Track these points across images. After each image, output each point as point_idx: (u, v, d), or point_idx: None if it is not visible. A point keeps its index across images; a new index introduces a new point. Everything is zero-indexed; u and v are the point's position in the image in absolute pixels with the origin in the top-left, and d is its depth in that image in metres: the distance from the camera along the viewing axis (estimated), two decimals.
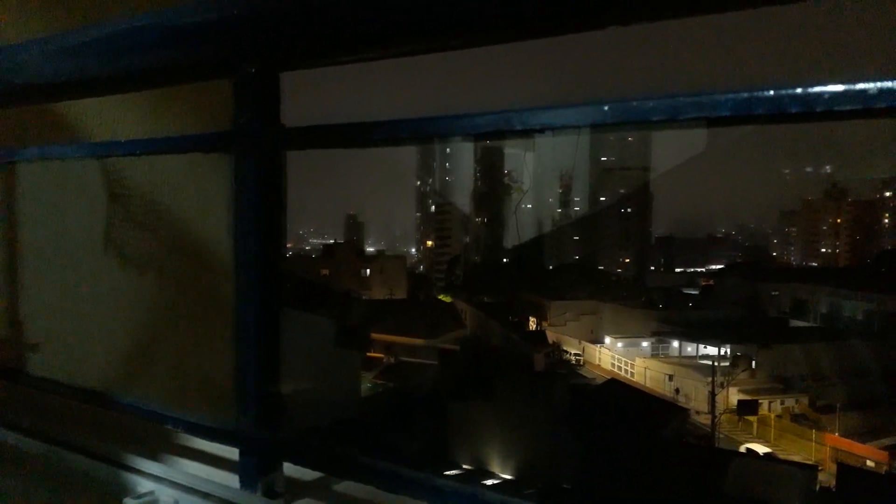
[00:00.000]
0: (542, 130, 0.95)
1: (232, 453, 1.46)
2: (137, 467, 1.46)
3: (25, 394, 1.99)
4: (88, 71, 1.58)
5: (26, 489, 1.68)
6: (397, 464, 1.13)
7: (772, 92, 0.82)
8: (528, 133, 0.98)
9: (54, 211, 2.71)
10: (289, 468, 1.37)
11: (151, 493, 1.37)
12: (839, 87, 0.78)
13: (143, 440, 1.64)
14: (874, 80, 0.76)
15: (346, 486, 1.39)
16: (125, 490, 1.43)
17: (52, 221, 2.71)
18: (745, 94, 0.83)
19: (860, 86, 0.77)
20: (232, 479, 1.38)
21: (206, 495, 1.33)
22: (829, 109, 0.79)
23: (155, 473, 1.44)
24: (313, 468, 1.37)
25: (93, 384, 1.78)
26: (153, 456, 1.53)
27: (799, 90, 0.80)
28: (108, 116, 2.63)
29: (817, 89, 0.79)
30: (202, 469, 1.52)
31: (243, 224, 1.27)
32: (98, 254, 2.79)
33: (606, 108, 0.90)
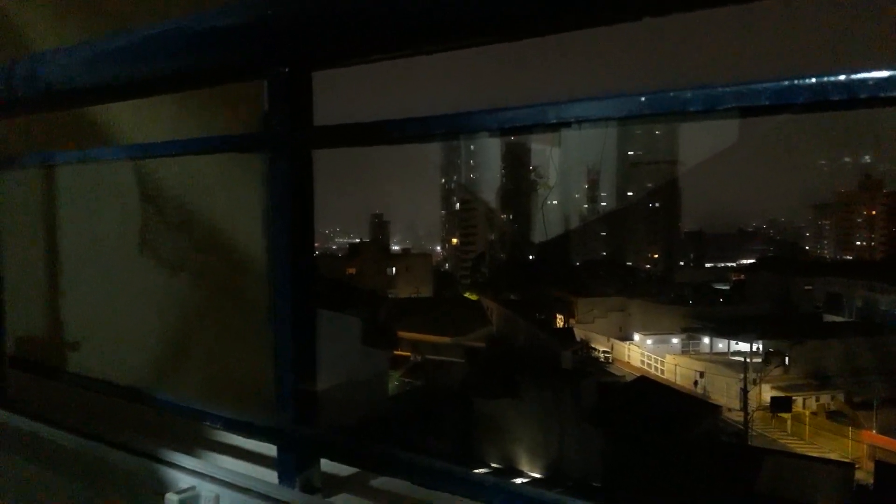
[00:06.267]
0: (578, 123, 0.94)
1: (269, 449, 1.48)
2: (178, 463, 1.49)
3: (67, 392, 2.03)
4: (122, 75, 1.61)
5: (70, 485, 1.72)
6: (434, 458, 1.13)
7: (813, 79, 0.80)
8: (563, 126, 0.96)
9: (91, 213, 2.76)
10: (326, 464, 1.38)
11: (193, 488, 1.39)
12: (884, 74, 0.77)
13: (180, 437, 1.67)
14: None
15: (382, 482, 1.40)
16: (167, 485, 1.45)
17: (88, 223, 2.76)
18: (786, 83, 0.81)
19: None
20: (270, 475, 1.39)
21: (245, 490, 1.35)
22: (874, 96, 0.78)
23: (195, 469, 1.46)
24: (350, 464, 1.38)
25: (131, 382, 1.81)
26: (192, 452, 1.56)
27: (842, 77, 0.78)
28: (142, 119, 2.69)
29: (861, 76, 0.77)
30: (240, 465, 1.55)
31: (279, 223, 1.29)
32: (134, 254, 2.85)
33: (643, 98, 0.88)
